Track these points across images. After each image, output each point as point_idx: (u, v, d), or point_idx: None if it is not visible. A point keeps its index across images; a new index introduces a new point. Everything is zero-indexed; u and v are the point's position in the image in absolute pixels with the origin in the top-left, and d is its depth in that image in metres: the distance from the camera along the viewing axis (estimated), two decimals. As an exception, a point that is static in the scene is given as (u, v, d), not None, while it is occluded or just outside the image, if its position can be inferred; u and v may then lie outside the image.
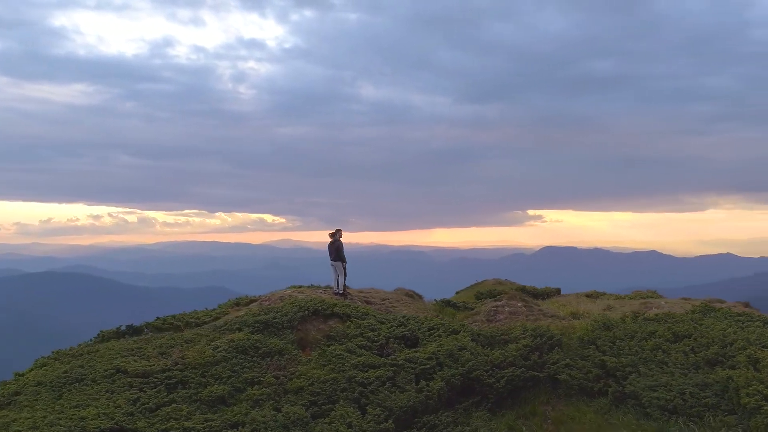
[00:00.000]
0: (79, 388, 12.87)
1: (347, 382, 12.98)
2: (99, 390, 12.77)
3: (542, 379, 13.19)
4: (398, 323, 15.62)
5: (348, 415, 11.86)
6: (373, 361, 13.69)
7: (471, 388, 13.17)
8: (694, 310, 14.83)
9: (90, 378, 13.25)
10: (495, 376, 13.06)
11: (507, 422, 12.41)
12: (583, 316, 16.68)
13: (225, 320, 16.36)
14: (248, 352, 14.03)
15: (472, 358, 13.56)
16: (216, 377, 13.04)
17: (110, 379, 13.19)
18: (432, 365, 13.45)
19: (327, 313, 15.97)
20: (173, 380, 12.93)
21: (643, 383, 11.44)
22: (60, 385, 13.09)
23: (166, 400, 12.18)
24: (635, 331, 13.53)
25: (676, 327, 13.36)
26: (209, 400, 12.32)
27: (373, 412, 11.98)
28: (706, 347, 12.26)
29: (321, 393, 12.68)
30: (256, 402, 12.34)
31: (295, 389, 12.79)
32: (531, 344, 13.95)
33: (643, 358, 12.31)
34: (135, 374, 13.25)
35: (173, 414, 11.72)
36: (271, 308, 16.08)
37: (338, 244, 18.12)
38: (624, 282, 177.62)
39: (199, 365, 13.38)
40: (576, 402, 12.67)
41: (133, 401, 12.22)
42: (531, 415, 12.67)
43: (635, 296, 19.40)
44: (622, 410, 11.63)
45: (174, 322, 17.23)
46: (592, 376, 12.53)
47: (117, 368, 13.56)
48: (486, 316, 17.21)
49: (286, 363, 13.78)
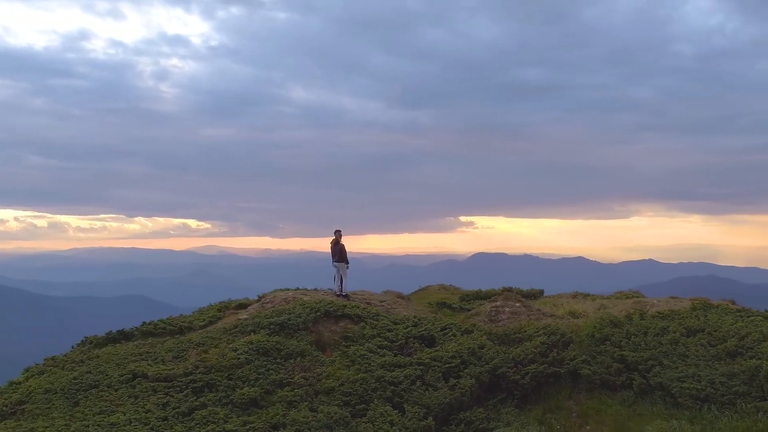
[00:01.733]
0: (96, 395, 12.50)
1: (377, 381, 13.21)
2: (120, 395, 12.46)
3: (563, 375, 13.87)
4: (412, 323, 15.99)
5: (387, 413, 12.12)
6: (398, 361, 13.99)
7: (497, 385, 13.71)
8: (695, 307, 15.96)
9: (105, 384, 12.89)
10: (520, 372, 13.65)
11: (535, 417, 13.00)
12: (582, 315, 17.56)
13: (230, 323, 16.17)
14: (270, 354, 14.01)
15: (496, 356, 14.12)
16: (243, 380, 12.96)
17: (129, 384, 12.87)
18: (456, 363, 13.89)
19: (338, 314, 16.12)
20: (199, 383, 12.76)
21: (671, 375, 12.31)
22: (73, 392, 12.66)
23: (197, 404, 12.04)
24: (647, 327, 14.46)
25: (688, 322, 14.40)
26: (241, 402, 12.26)
27: (411, 410, 12.28)
28: (722, 340, 13.31)
29: (353, 393, 12.86)
30: (290, 403, 12.37)
31: (326, 390, 12.91)
32: (547, 342, 14.63)
33: (663, 352, 13.20)
34: (156, 378, 12.98)
35: (210, 417, 11.61)
36: (283, 310, 16.05)
37: (342, 246, 18.35)
38: (553, 288, 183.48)
39: (224, 368, 13.26)
40: (598, 396, 13.40)
41: (162, 406, 12.02)
42: (556, 409, 13.32)
43: (621, 296, 20.53)
44: (648, 402, 12.48)
45: (166, 327, 16.88)
46: (614, 370, 13.33)
47: (134, 373, 13.24)
48: (488, 316, 17.80)
49: (310, 364, 13.86)
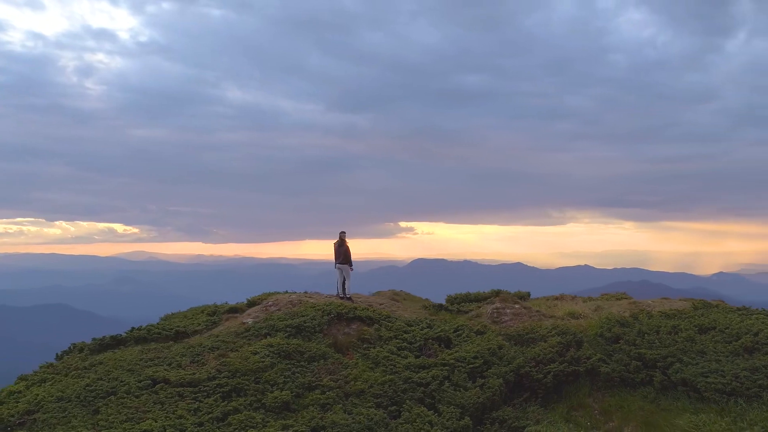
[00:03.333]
0: (116, 402, 12.10)
1: (405, 383, 13.33)
2: (144, 402, 12.10)
3: (581, 373, 14.41)
4: (426, 325, 16.20)
5: (423, 414, 12.28)
6: (422, 362, 14.15)
7: (520, 384, 14.09)
8: (696, 306, 16.89)
9: (123, 390, 12.48)
10: (542, 371, 14.09)
11: (561, 414, 13.45)
12: (581, 316, 18.22)
13: (234, 326, 15.93)
14: (293, 357, 13.89)
15: (517, 356, 14.51)
16: (271, 383, 12.81)
17: (151, 390, 12.52)
18: (479, 364, 14.18)
19: (350, 316, 16.14)
20: (226, 388, 12.53)
21: (694, 370, 12.99)
22: (90, 400, 12.21)
23: (229, 409, 11.83)
24: (658, 326, 15.19)
25: (698, 321, 15.21)
26: (274, 406, 12.12)
27: (446, 410, 12.47)
28: (736, 337, 14.14)
29: (383, 395, 12.93)
30: (323, 406, 12.32)
31: (356, 392, 12.92)
32: (563, 341, 15.15)
33: (680, 349, 13.91)
34: (180, 384, 12.68)
35: (247, 422, 11.45)
36: (296, 312, 15.93)
37: (347, 247, 18.41)
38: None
39: (250, 371, 13.08)
40: (618, 393, 13.99)
41: (193, 411, 11.78)
42: (579, 407, 13.82)
43: (610, 297, 21.40)
44: (670, 397, 13.14)
45: (161, 332, 16.47)
46: (632, 367, 13.95)
47: (153, 378, 12.89)
48: (490, 318, 18.21)
49: (334, 367, 13.85)
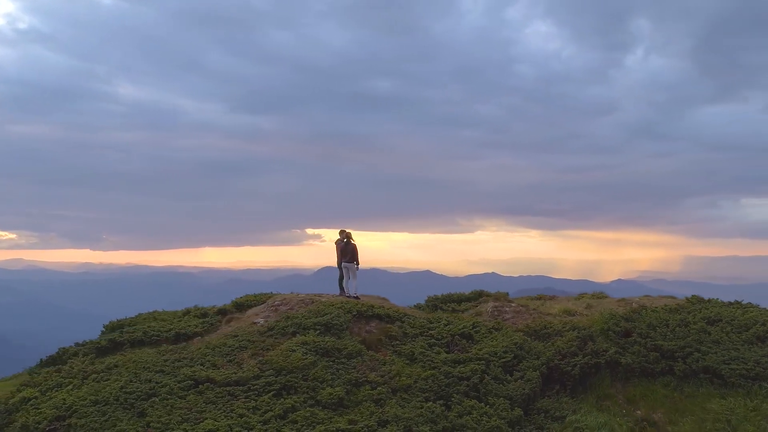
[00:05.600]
0: (161, 403, 11.74)
1: (446, 377, 13.70)
2: (194, 402, 11.82)
3: (602, 365, 15.37)
4: (446, 322, 16.65)
5: (477, 406, 12.73)
6: (456, 357, 14.59)
7: (550, 377, 14.82)
8: (692, 301, 18.37)
9: (164, 392, 12.12)
10: (569, 364, 14.91)
11: (591, 404, 14.26)
12: (577, 313, 19.32)
13: (244, 326, 15.70)
14: (332, 354, 13.92)
15: (547, 350, 15.27)
16: (320, 380, 12.80)
17: (195, 391, 12.23)
18: (510, 358, 14.82)
19: (368, 315, 16.31)
20: (276, 386, 12.42)
21: (716, 358, 14.20)
22: (132, 402, 11.78)
23: (288, 406, 11.79)
24: (666, 319, 16.43)
25: (704, 313, 16.55)
26: (330, 403, 12.15)
27: (496, 401, 12.99)
28: (745, 328, 15.55)
29: (429, 389, 13.24)
30: (376, 402, 12.50)
31: (403, 387, 13.15)
32: (579, 336, 16.08)
33: (696, 340, 15.12)
34: (226, 383, 12.46)
35: (312, 418, 11.45)
36: (319, 311, 15.88)
37: (355, 245, 18.55)
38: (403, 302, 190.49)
39: (296, 369, 13.00)
40: (639, 383, 15.01)
41: (252, 410, 11.64)
42: (605, 397, 14.70)
43: (586, 297, 22.72)
44: (691, 385, 14.30)
45: (161, 334, 16.01)
46: (651, 358, 15.05)
47: (194, 379, 12.59)
48: (491, 315, 18.89)
49: (372, 363, 14.02)
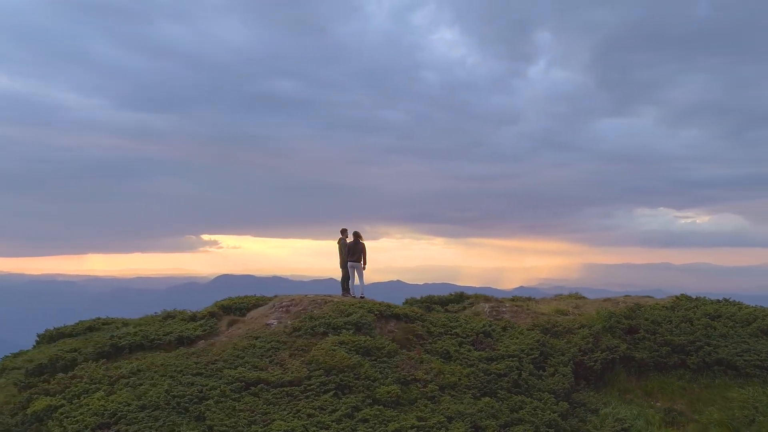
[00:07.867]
0: (216, 406, 11.34)
1: (485, 374, 14.02)
2: (253, 404, 11.49)
3: (617, 361, 16.22)
4: (464, 320, 16.95)
5: (526, 401, 13.11)
6: (487, 355, 14.92)
7: (575, 372, 15.48)
8: (681, 299, 19.62)
9: (216, 394, 11.70)
10: (591, 359, 15.64)
11: (614, 397, 15.04)
12: (569, 313, 20.22)
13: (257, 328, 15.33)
14: (372, 353, 13.87)
15: (570, 347, 15.91)
16: (371, 379, 12.75)
17: (250, 392, 11.88)
18: (537, 355, 15.35)
19: (387, 314, 16.35)
20: (331, 385, 12.27)
21: (729, 351, 15.34)
22: (185, 405, 11.31)
23: (352, 405, 11.68)
24: (668, 317, 17.53)
25: (705, 309, 17.80)
26: (388, 401, 12.13)
27: (541, 396, 13.45)
28: (747, 323, 16.83)
29: (473, 386, 13.49)
30: (432, 398, 12.63)
31: (450, 384, 13.33)
32: (592, 332, 16.87)
33: (703, 335, 16.26)
34: (281, 384, 12.17)
35: (381, 416, 11.42)
36: (343, 311, 15.72)
37: (363, 244, 18.49)
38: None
39: (347, 368, 12.86)
40: (653, 376, 15.97)
41: (318, 410, 11.45)
42: (624, 391, 15.53)
43: (566, 297, 23.81)
44: (706, 377, 15.37)
45: (162, 339, 15.39)
46: (664, 352, 16.05)
47: (245, 380, 12.20)
48: (490, 315, 19.30)
49: (411, 361, 14.08)
